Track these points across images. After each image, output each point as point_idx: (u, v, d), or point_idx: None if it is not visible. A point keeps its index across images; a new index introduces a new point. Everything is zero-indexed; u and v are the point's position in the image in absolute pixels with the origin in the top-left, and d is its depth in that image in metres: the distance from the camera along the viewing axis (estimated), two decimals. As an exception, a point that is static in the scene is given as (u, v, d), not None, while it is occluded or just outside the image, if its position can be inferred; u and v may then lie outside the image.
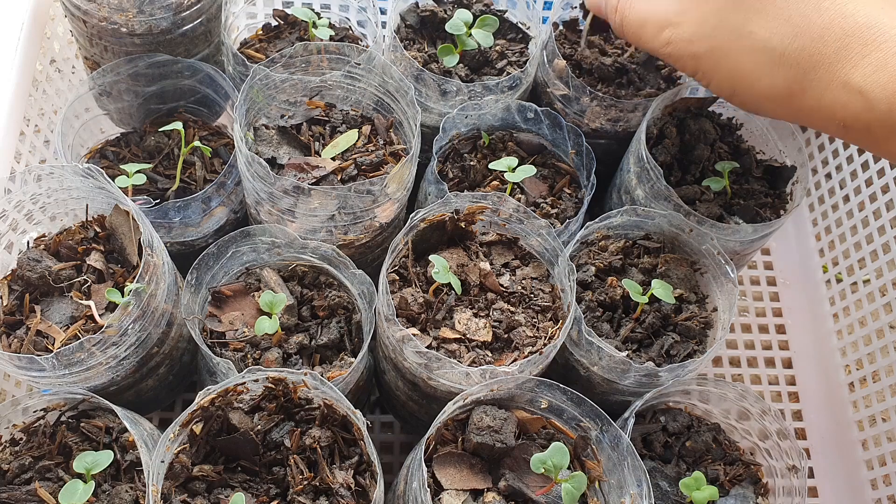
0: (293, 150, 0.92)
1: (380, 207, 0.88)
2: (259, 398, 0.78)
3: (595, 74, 1.06)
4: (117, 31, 0.97)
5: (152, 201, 0.92)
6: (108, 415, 0.80)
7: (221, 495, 0.73)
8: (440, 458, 0.76)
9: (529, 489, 0.75)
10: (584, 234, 0.92)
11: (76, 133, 1.00)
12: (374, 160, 0.91)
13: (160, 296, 0.83)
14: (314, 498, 0.73)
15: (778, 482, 0.89)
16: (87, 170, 0.81)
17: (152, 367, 0.89)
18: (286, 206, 0.85)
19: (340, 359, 0.84)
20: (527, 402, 0.79)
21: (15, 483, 0.76)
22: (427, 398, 0.86)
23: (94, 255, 0.87)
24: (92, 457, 0.73)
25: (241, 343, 0.83)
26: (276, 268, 0.89)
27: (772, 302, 1.28)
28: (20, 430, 0.80)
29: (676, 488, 0.85)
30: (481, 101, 0.99)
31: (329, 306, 0.86)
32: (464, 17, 1.01)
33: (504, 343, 0.83)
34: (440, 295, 0.85)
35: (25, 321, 0.83)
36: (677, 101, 1.03)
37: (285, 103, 0.95)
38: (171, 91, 1.05)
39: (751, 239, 0.95)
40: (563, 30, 1.13)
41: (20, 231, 0.89)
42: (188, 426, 0.74)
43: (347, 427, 0.77)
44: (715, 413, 0.93)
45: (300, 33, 1.08)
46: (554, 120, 1.01)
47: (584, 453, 0.77)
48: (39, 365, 0.75)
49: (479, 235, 0.91)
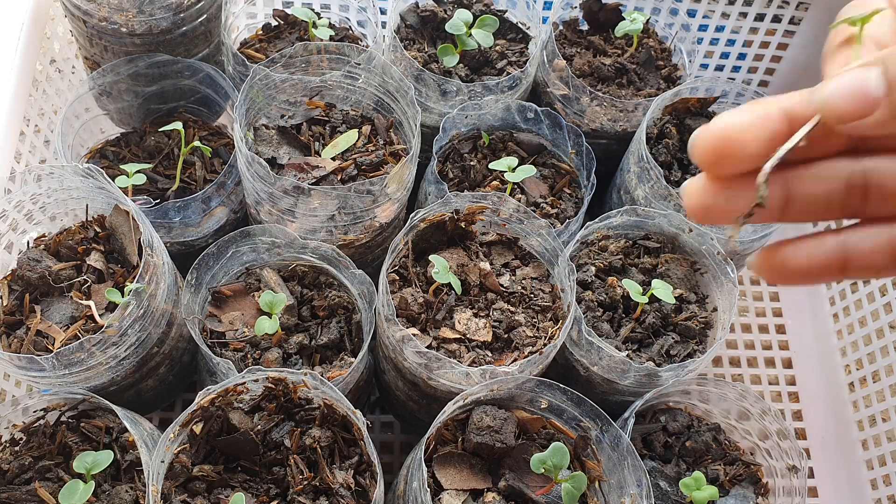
0: (293, 150, 0.92)
1: (380, 207, 0.88)
2: (259, 398, 0.78)
3: (595, 74, 1.06)
4: (117, 31, 0.97)
5: (152, 201, 0.92)
6: (108, 415, 0.80)
7: (221, 495, 0.73)
8: (440, 458, 0.76)
9: (529, 489, 0.75)
10: (584, 234, 0.92)
11: (76, 133, 1.00)
12: (374, 160, 0.91)
13: (160, 296, 0.83)
14: (314, 498, 0.73)
15: (778, 482, 0.89)
16: (87, 170, 0.81)
17: (152, 367, 0.89)
18: (286, 206, 0.85)
19: (340, 359, 0.84)
20: (527, 402, 0.79)
21: (15, 483, 0.76)
22: (427, 398, 0.86)
23: (94, 255, 0.87)
24: (92, 457, 0.73)
25: (241, 343, 0.83)
26: (276, 268, 0.89)
27: (772, 302, 1.28)
28: (20, 430, 0.80)
29: (676, 488, 0.85)
30: (481, 101, 0.99)
31: (329, 306, 0.86)
32: (464, 17, 1.01)
33: (504, 343, 0.83)
34: (440, 295, 0.84)
35: (25, 321, 0.83)
36: (677, 101, 1.03)
37: (285, 103, 0.95)
38: (171, 91, 1.05)
39: (751, 239, 0.95)
40: (563, 30, 1.13)
41: (20, 231, 0.89)
42: (188, 426, 0.74)
43: (347, 427, 0.77)
44: (715, 413, 0.93)
45: (300, 33, 1.08)
46: (554, 120, 1.00)
47: (584, 453, 0.77)
48: (39, 365, 0.75)
49: (479, 235, 0.91)
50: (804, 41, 1.26)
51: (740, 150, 0.37)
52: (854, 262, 0.40)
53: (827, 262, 0.40)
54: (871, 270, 0.41)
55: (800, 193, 0.40)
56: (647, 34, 1.13)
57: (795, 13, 1.23)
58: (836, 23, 0.42)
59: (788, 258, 0.41)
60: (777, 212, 0.41)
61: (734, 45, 1.29)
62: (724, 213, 0.41)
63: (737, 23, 1.26)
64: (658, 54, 1.12)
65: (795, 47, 1.27)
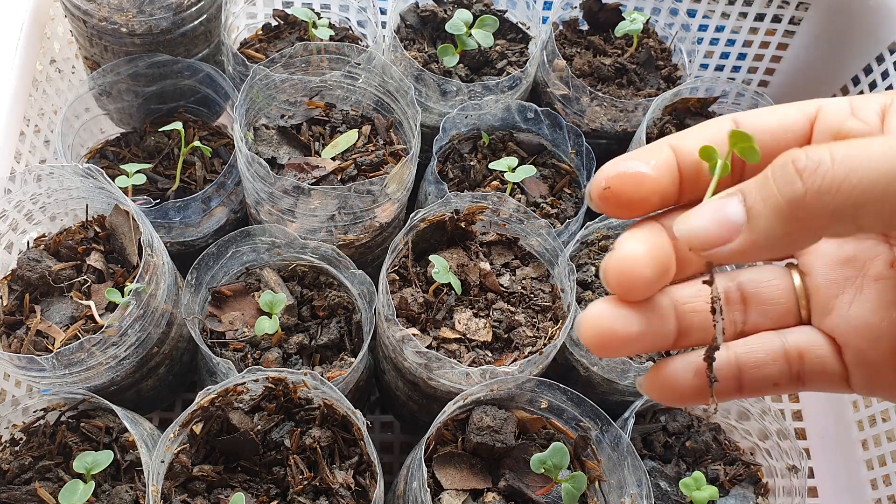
0: (293, 150, 0.92)
1: (380, 207, 0.88)
2: (259, 398, 0.78)
3: (595, 74, 1.06)
4: (117, 31, 0.97)
5: (152, 201, 0.92)
6: (108, 415, 0.80)
7: (221, 495, 0.73)
8: (440, 458, 0.76)
9: (529, 489, 0.75)
10: (584, 234, 0.92)
11: (76, 133, 1.00)
12: (374, 160, 0.91)
13: (160, 296, 0.83)
14: (314, 498, 0.73)
15: (778, 482, 0.89)
16: (87, 170, 0.81)
17: (152, 367, 0.89)
18: (286, 206, 0.85)
19: (340, 359, 0.84)
20: (527, 402, 0.79)
21: (15, 483, 0.76)
22: (427, 398, 0.86)
23: (94, 255, 0.87)
24: (92, 457, 0.73)
25: (241, 343, 0.83)
26: (276, 268, 0.89)
27: (772, 302, 1.28)
28: (20, 430, 0.80)
29: (676, 488, 0.85)
30: (481, 101, 0.99)
31: (329, 306, 0.86)
32: (464, 17, 1.01)
33: (504, 343, 0.83)
34: (440, 295, 0.84)
35: (25, 321, 0.83)
36: (677, 101, 1.03)
37: (285, 103, 0.95)
38: (171, 91, 1.05)
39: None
40: (563, 30, 1.13)
41: (20, 231, 0.89)
42: (188, 426, 0.74)
43: (347, 427, 0.77)
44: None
45: (300, 33, 1.08)
46: (554, 120, 1.00)
47: (584, 453, 0.77)
48: (39, 365, 0.75)
49: (479, 235, 0.91)
50: (804, 41, 1.26)
51: (640, 278, 0.39)
52: (748, 374, 0.42)
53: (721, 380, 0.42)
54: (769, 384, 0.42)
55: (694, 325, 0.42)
56: (647, 34, 1.13)
57: (795, 13, 1.23)
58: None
59: (676, 379, 0.42)
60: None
61: (734, 45, 1.29)
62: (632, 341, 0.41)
63: (737, 23, 1.26)
64: (658, 54, 1.12)
65: (795, 47, 1.27)
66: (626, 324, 0.40)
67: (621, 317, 0.40)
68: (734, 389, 0.42)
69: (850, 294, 0.42)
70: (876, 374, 0.41)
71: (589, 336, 0.40)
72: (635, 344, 0.40)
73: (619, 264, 0.39)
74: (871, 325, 0.41)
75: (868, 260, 0.42)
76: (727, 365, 0.42)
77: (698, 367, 0.41)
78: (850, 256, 0.43)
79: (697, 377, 0.41)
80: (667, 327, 0.41)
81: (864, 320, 0.41)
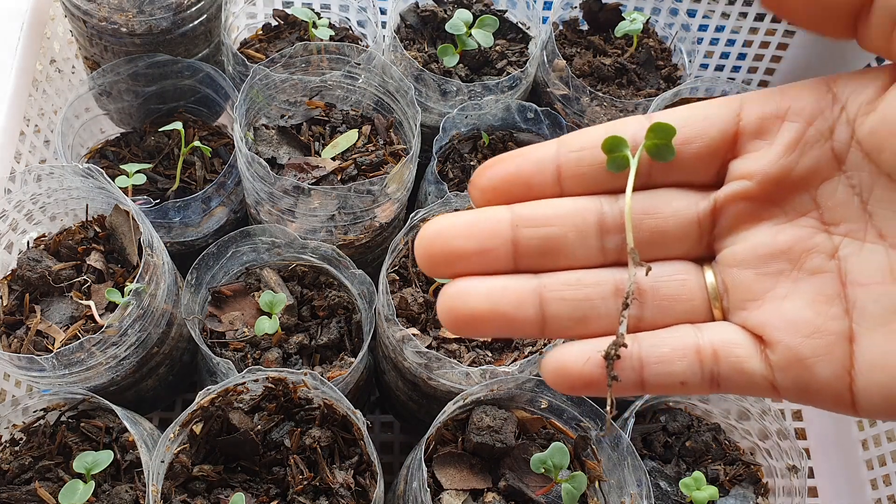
0: (293, 150, 0.92)
1: (380, 207, 0.88)
2: (259, 398, 0.78)
3: (595, 74, 1.06)
4: (117, 31, 0.97)
5: (152, 201, 0.92)
6: (108, 415, 0.80)
7: (221, 495, 0.73)
8: (440, 458, 0.76)
9: (529, 489, 0.75)
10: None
11: (76, 133, 1.00)
12: (374, 160, 0.91)
13: (160, 296, 0.83)
14: (314, 498, 0.73)
15: (778, 482, 0.89)
16: (87, 170, 0.81)
17: (152, 367, 0.89)
18: (286, 206, 0.85)
19: (340, 359, 0.84)
20: (527, 402, 0.79)
21: (15, 483, 0.76)
22: (427, 398, 0.86)
23: (94, 255, 0.87)
24: (92, 457, 0.73)
25: (241, 343, 0.83)
26: (276, 268, 0.89)
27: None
28: (20, 430, 0.80)
29: (676, 488, 0.85)
30: (481, 101, 0.99)
31: (329, 306, 0.86)
32: (464, 17, 1.01)
33: (504, 343, 0.83)
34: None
35: (25, 321, 0.83)
36: (677, 101, 1.03)
37: (285, 103, 0.95)
38: (171, 91, 1.05)
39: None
40: (563, 30, 1.13)
41: (20, 231, 0.89)
42: (188, 426, 0.74)
43: (347, 427, 0.77)
44: (715, 413, 0.93)
45: (300, 33, 1.08)
46: (554, 120, 1.00)
47: (584, 453, 0.77)
48: (39, 365, 0.75)
49: (479, 235, 0.91)
50: (804, 41, 1.26)
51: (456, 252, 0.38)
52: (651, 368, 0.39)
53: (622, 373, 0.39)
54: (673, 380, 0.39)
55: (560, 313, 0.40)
56: (647, 34, 1.13)
57: (795, 13, 1.23)
58: None
59: (569, 365, 0.39)
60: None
61: (734, 45, 1.29)
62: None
63: (737, 23, 1.26)
64: (658, 54, 1.12)
65: (795, 47, 1.27)
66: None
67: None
68: (634, 385, 0.38)
69: (784, 288, 0.39)
70: (808, 372, 0.37)
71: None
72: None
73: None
74: (806, 319, 0.37)
75: (804, 252, 0.39)
76: (627, 357, 0.38)
77: (593, 356, 0.38)
78: (784, 249, 0.39)
79: (590, 365, 0.38)
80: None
81: (798, 314, 0.38)
